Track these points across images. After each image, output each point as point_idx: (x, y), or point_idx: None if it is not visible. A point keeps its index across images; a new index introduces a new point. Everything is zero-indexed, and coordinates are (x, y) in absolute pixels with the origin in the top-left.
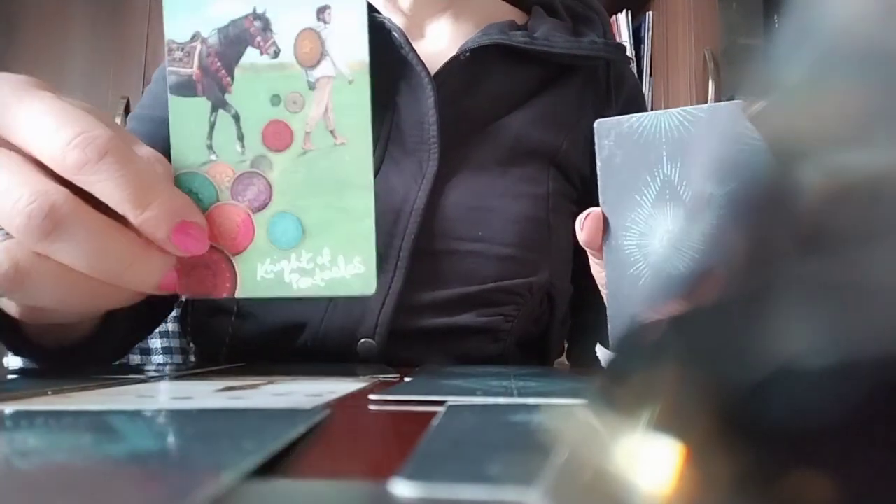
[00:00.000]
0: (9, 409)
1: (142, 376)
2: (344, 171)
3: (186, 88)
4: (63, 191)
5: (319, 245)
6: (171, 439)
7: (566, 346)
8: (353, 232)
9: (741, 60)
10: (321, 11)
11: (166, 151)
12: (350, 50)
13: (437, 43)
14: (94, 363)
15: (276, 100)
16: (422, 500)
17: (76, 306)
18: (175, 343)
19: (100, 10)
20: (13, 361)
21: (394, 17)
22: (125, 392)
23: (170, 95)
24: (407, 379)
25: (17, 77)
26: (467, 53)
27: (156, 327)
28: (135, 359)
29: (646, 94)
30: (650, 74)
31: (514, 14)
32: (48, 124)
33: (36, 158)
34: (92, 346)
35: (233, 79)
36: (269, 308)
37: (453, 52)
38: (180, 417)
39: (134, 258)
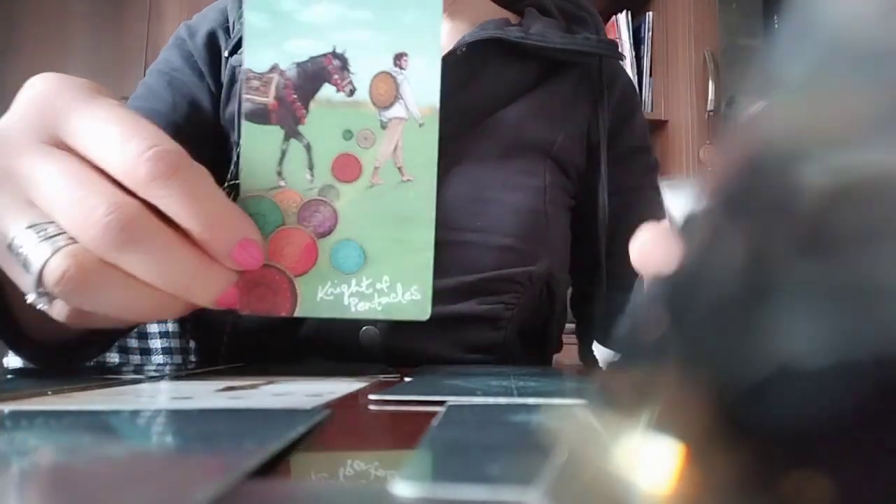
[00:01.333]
0: (9, 409)
1: (142, 376)
2: (408, 206)
3: (261, 116)
4: (137, 203)
5: (380, 272)
6: (171, 439)
7: (579, 343)
8: (412, 262)
9: (741, 61)
10: (398, 58)
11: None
12: (423, 95)
13: None
14: (86, 359)
15: (347, 134)
16: (422, 500)
17: (132, 314)
18: (175, 343)
19: (100, 10)
20: (13, 361)
21: None
22: (125, 392)
23: (244, 122)
24: (407, 379)
25: (80, 81)
26: (464, 48)
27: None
28: (135, 359)
29: (646, 94)
30: (650, 74)
31: (507, 16)
32: (117, 134)
33: (98, 166)
34: (90, 343)
35: (307, 111)
36: None
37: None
38: (180, 417)
39: (197, 272)
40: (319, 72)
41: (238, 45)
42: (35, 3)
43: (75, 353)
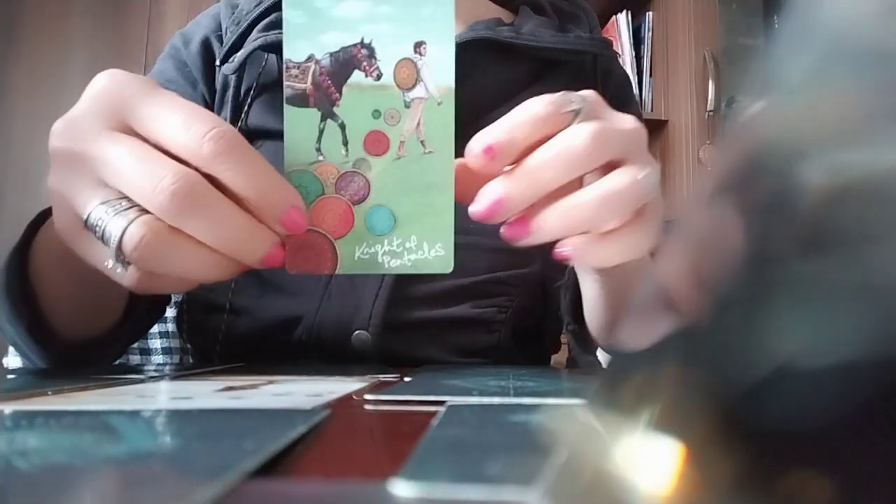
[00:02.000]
0: (9, 409)
1: (142, 376)
2: (431, 174)
3: (300, 100)
4: (198, 174)
5: (408, 233)
6: (171, 439)
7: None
8: (436, 223)
9: (741, 60)
10: (418, 46)
11: None
12: (440, 77)
13: None
14: (106, 358)
15: (376, 114)
16: (422, 500)
17: (192, 274)
18: (175, 343)
19: (100, 10)
20: (13, 361)
21: None
22: (125, 392)
23: (286, 105)
24: (406, 379)
25: (140, 76)
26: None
27: (149, 328)
28: (135, 359)
29: (646, 95)
30: (650, 74)
31: (501, 13)
32: (181, 119)
33: (162, 148)
34: (111, 340)
35: (341, 95)
36: (264, 303)
37: None
38: (180, 417)
39: (249, 234)
40: (350, 60)
41: (228, 55)
42: (35, 3)
43: (98, 351)
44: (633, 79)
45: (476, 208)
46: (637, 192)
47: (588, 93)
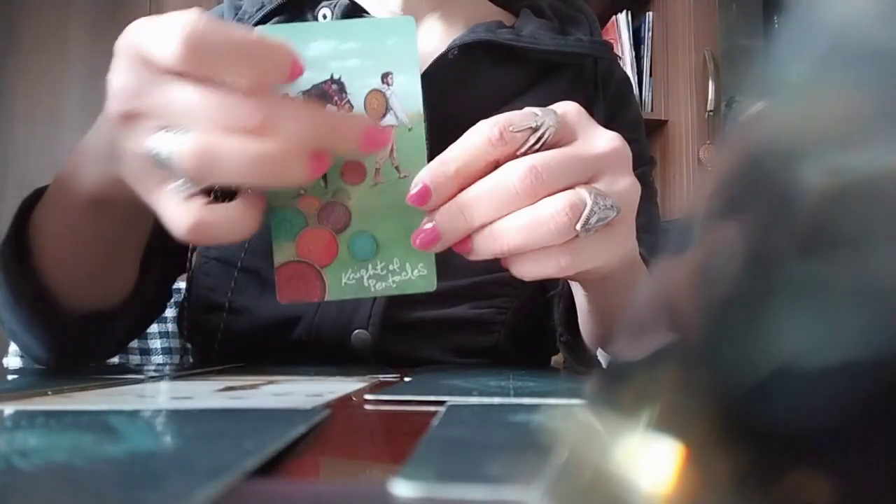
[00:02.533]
0: (9, 409)
1: (142, 376)
2: (405, 198)
3: None
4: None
5: (390, 255)
6: (171, 439)
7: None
8: None
9: (741, 61)
10: (385, 76)
11: None
12: (408, 104)
13: (427, 43)
14: (109, 339)
15: None
16: (422, 500)
17: (258, 177)
18: (175, 343)
19: (100, 11)
20: (13, 361)
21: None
22: (125, 392)
23: None
24: (406, 379)
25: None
26: (455, 51)
27: (148, 325)
28: (135, 359)
29: (646, 94)
30: (650, 74)
31: (502, 16)
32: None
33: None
34: (118, 318)
35: None
36: (264, 303)
37: (441, 53)
38: (180, 417)
39: (337, 125)
40: (322, 96)
41: None
42: (35, 3)
43: (106, 325)
44: (633, 79)
45: (414, 239)
46: (566, 219)
47: (566, 107)
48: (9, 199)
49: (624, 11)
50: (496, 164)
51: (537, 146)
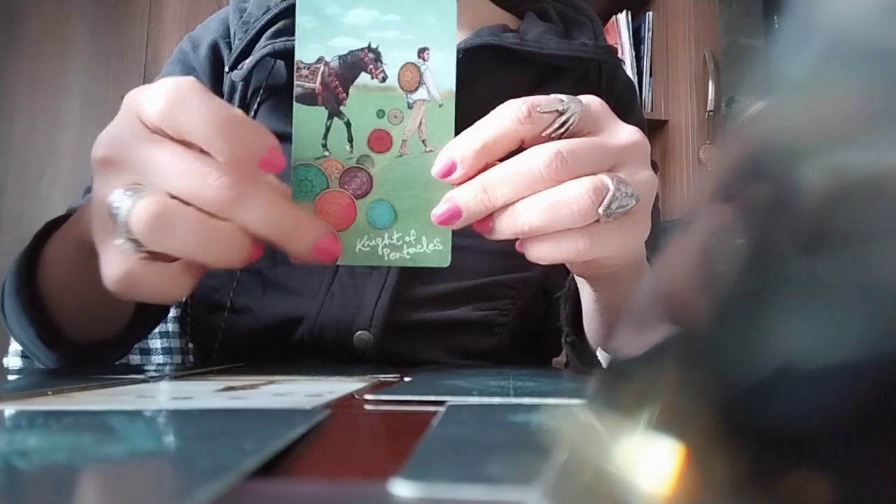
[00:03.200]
0: (9, 409)
1: (142, 376)
2: (430, 172)
3: (309, 99)
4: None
5: (408, 227)
6: (171, 439)
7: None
8: None
9: (741, 60)
10: (421, 51)
11: None
12: (441, 81)
13: None
14: (111, 360)
15: (380, 113)
16: (422, 500)
17: (208, 255)
18: (175, 343)
19: (100, 11)
20: (13, 361)
21: None
22: (125, 392)
23: (295, 103)
24: (406, 379)
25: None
26: (459, 54)
27: (153, 329)
28: (135, 359)
29: (646, 95)
30: (650, 74)
31: (507, 19)
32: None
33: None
34: (118, 342)
35: (347, 95)
36: (266, 302)
37: None
38: (180, 417)
39: (300, 221)
40: (357, 63)
41: (237, 62)
42: (35, 3)
43: (106, 352)
44: (633, 79)
45: (435, 213)
46: (589, 202)
47: (590, 99)
48: (9, 199)
49: (624, 11)
50: (521, 146)
51: (562, 131)
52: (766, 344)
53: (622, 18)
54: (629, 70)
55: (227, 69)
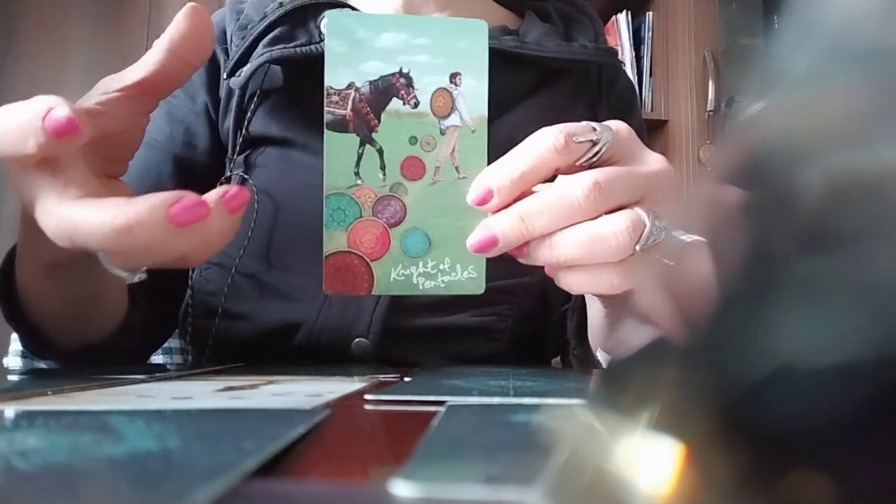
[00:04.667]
0: (9, 409)
1: (142, 376)
2: (463, 199)
3: (340, 126)
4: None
5: (442, 255)
6: (171, 439)
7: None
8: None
9: (741, 60)
10: (454, 77)
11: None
12: (474, 107)
13: None
14: (102, 362)
15: (413, 140)
16: (422, 500)
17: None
18: (175, 343)
19: (100, 10)
20: (13, 361)
21: None
22: (125, 392)
23: (326, 130)
24: (406, 379)
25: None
26: None
27: (165, 340)
28: None
29: (646, 94)
30: (650, 74)
31: (507, 18)
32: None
33: None
34: (110, 348)
35: (379, 121)
36: (263, 308)
37: None
38: (180, 417)
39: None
40: (388, 88)
41: (234, 69)
42: (35, 3)
43: (101, 354)
44: (633, 79)
45: (471, 242)
46: (628, 238)
47: (619, 126)
48: (9, 198)
49: (624, 11)
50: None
51: (595, 160)
52: (767, 344)
53: (622, 18)
54: (629, 70)
55: (224, 76)
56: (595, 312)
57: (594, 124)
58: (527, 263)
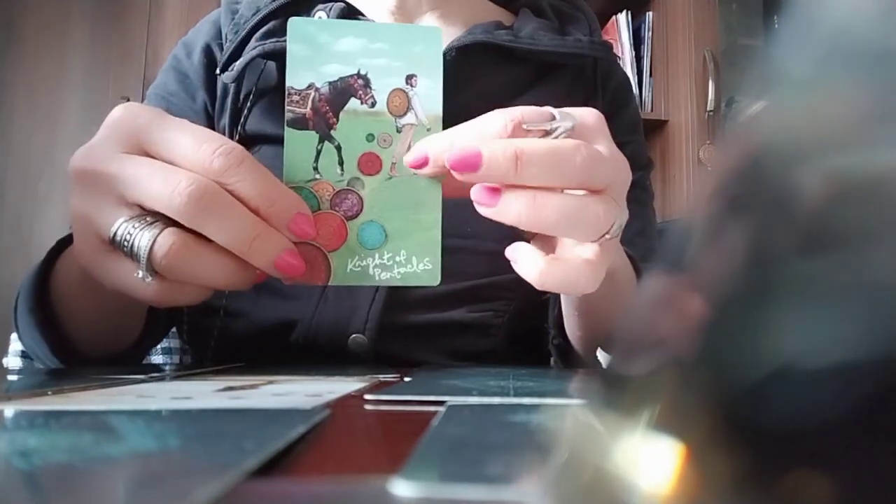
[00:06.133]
0: (9, 409)
1: (142, 376)
2: (419, 193)
3: (300, 124)
4: (209, 180)
5: (398, 247)
6: (171, 439)
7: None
8: (424, 238)
9: (741, 61)
10: (409, 78)
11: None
12: (429, 106)
13: None
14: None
15: (370, 137)
16: (422, 500)
17: (214, 281)
18: (175, 343)
19: (100, 10)
20: (13, 361)
21: (380, 18)
22: (125, 392)
23: (286, 128)
24: (406, 379)
25: (153, 108)
26: (453, 52)
27: (163, 338)
28: None
29: (646, 94)
30: (650, 74)
31: (501, 15)
32: (192, 140)
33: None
34: (130, 353)
35: (338, 119)
36: (260, 306)
37: None
38: (180, 417)
39: (259, 234)
40: (347, 89)
41: (227, 64)
42: (35, 3)
43: (118, 360)
44: (633, 79)
45: (451, 154)
46: (606, 223)
47: (584, 113)
48: (9, 199)
49: (624, 11)
50: None
51: None
52: (766, 344)
53: (622, 18)
54: (629, 70)
55: (218, 71)
56: (564, 301)
57: (555, 111)
58: (492, 217)
